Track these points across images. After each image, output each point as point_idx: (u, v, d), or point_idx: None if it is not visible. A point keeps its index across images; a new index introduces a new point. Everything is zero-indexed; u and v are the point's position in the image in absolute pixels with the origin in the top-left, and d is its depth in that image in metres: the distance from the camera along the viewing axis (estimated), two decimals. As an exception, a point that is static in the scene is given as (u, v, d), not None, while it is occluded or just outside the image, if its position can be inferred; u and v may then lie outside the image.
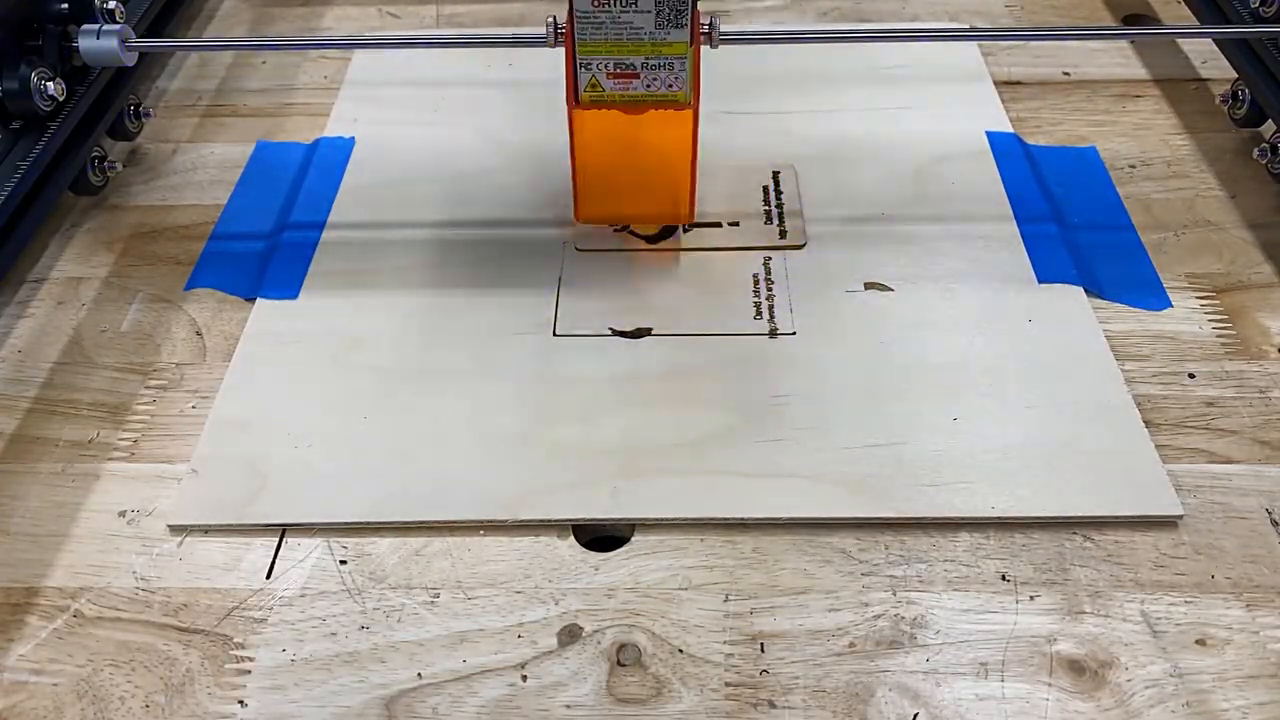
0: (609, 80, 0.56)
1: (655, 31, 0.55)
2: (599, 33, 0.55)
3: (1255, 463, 0.54)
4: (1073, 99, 0.80)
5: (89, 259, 0.68)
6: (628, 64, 0.56)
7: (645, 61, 0.56)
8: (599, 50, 0.56)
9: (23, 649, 0.48)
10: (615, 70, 0.56)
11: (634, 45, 0.55)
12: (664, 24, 0.55)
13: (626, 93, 0.57)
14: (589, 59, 0.56)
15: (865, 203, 0.70)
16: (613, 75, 0.56)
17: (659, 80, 0.56)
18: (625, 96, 0.57)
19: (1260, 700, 0.45)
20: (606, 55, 0.56)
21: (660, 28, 0.55)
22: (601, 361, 0.60)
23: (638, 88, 0.57)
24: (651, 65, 0.56)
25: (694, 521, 0.52)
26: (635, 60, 0.56)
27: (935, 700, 0.45)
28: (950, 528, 0.52)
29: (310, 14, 0.92)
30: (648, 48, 0.55)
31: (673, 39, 0.55)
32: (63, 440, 0.57)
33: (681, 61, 0.56)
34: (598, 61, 0.56)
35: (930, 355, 0.59)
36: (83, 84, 0.68)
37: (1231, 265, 0.66)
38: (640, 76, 0.56)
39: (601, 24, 0.55)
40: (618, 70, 0.56)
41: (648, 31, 0.55)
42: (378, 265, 0.66)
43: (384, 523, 0.52)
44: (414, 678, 0.46)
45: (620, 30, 0.55)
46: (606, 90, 0.57)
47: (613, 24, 0.55)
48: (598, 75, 0.56)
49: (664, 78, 0.56)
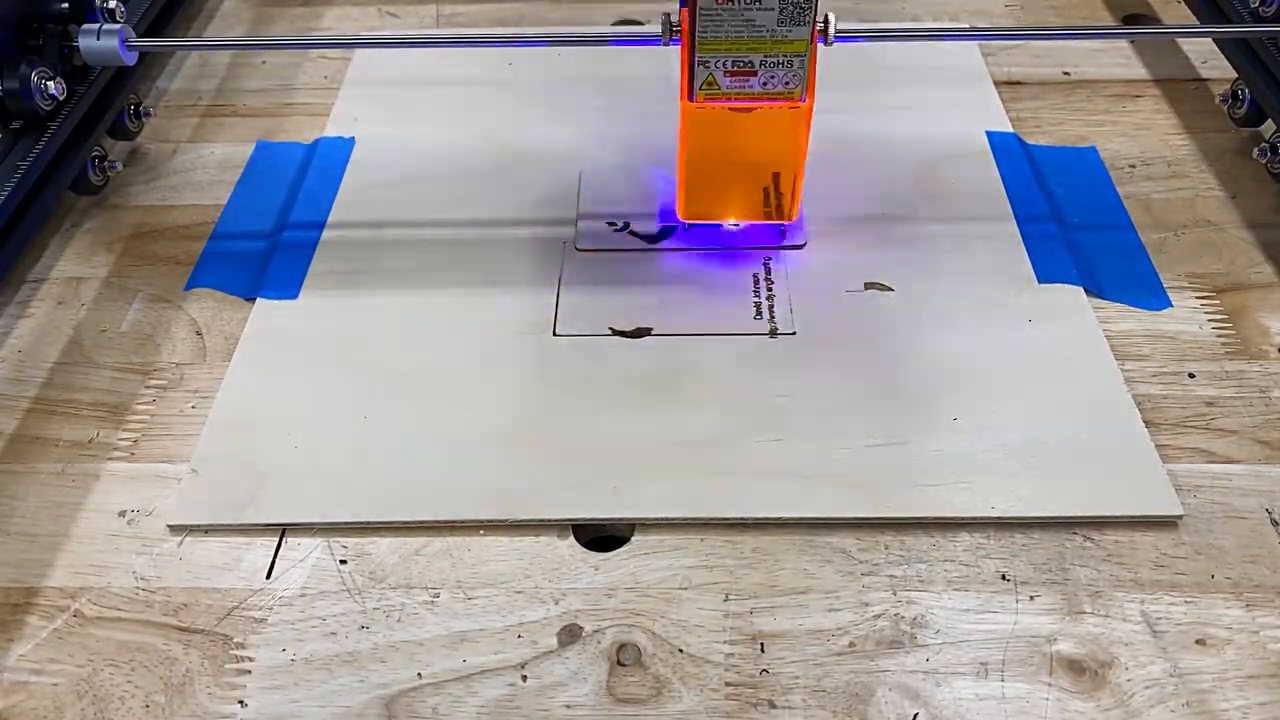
0: (726, 78, 0.55)
1: (777, 29, 0.54)
2: (720, 30, 0.54)
3: (1255, 463, 0.54)
4: (1073, 99, 0.80)
5: (89, 259, 0.68)
6: (746, 61, 0.55)
7: (764, 59, 0.55)
8: (719, 48, 0.55)
9: (23, 649, 0.48)
10: (734, 68, 0.55)
11: (755, 42, 0.55)
12: (786, 21, 0.54)
13: (743, 90, 0.56)
14: (708, 56, 0.55)
15: (865, 203, 0.70)
16: (730, 73, 0.55)
17: (776, 78, 0.55)
18: (742, 94, 0.57)
19: (1260, 700, 0.45)
20: (726, 53, 0.55)
21: (782, 25, 0.54)
22: (601, 361, 0.60)
23: (754, 85, 0.56)
24: (770, 63, 0.55)
25: (694, 521, 0.52)
26: (754, 58, 0.55)
27: (935, 700, 0.45)
28: (950, 528, 0.52)
29: (310, 14, 0.92)
30: (768, 45, 0.55)
31: (794, 36, 0.54)
32: (63, 440, 0.57)
33: (801, 59, 0.55)
34: (717, 59, 0.55)
35: (930, 355, 0.59)
36: (83, 83, 0.68)
37: (1231, 265, 0.66)
38: (758, 74, 0.55)
39: (723, 21, 0.54)
40: (736, 68, 0.55)
41: (769, 29, 0.54)
42: (378, 265, 0.66)
43: (384, 523, 0.52)
44: (414, 678, 0.46)
45: (742, 28, 0.54)
46: (723, 88, 0.56)
47: (734, 21, 0.54)
48: (715, 73, 0.55)
49: (782, 75, 0.55)
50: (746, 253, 0.66)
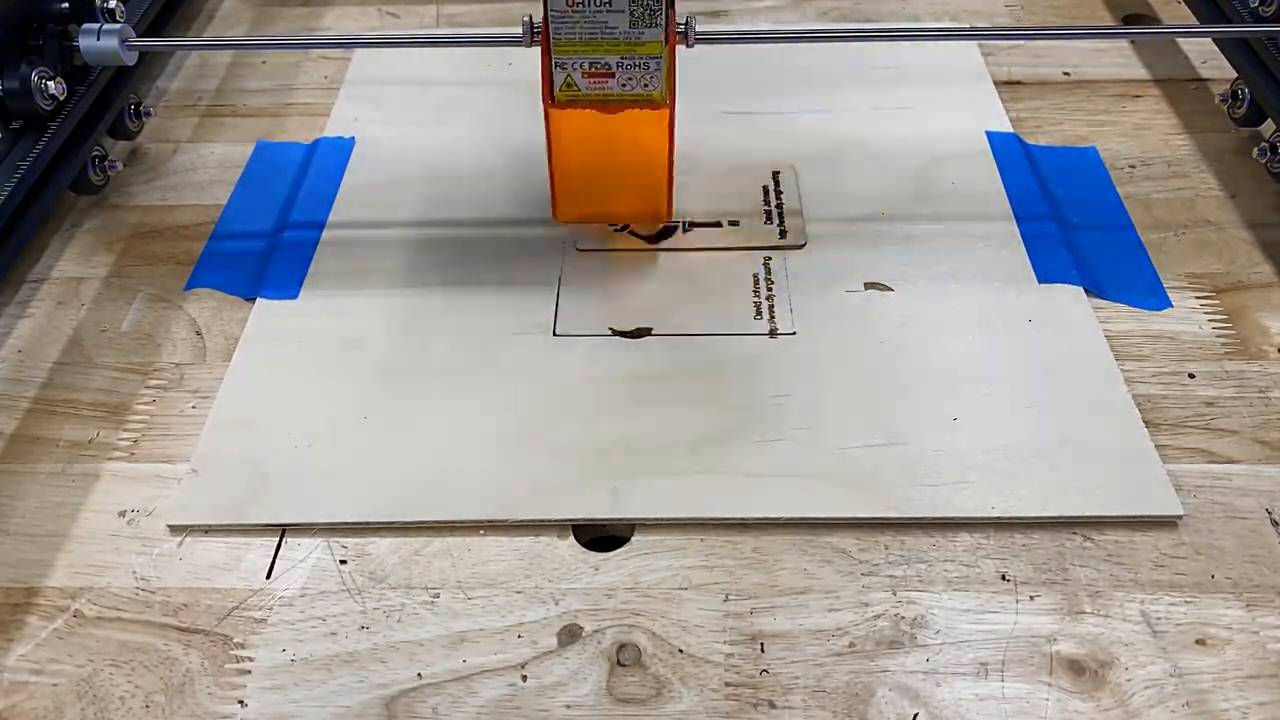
0: (584, 80, 0.56)
1: (630, 31, 0.55)
2: (573, 32, 0.55)
3: (1255, 463, 0.54)
4: (1073, 99, 0.80)
5: (89, 259, 0.68)
6: (603, 63, 0.56)
7: (620, 61, 0.56)
8: (574, 50, 0.56)
9: (23, 649, 0.48)
10: (590, 70, 0.56)
11: (609, 44, 0.55)
12: (638, 23, 0.55)
13: (602, 92, 0.57)
14: (564, 58, 0.56)
15: (865, 203, 0.70)
16: (588, 75, 0.56)
17: (634, 80, 0.56)
18: (601, 96, 0.57)
19: (1260, 700, 0.45)
20: (581, 54, 0.56)
21: (634, 27, 0.55)
22: (601, 361, 0.60)
23: (613, 87, 0.57)
24: (627, 65, 0.56)
25: (694, 521, 0.52)
26: (610, 60, 0.56)
27: (935, 700, 0.45)
28: (950, 528, 0.52)
29: (310, 14, 0.92)
30: (622, 47, 0.55)
31: (647, 38, 0.55)
32: (63, 440, 0.57)
33: (657, 61, 0.56)
34: (573, 61, 0.56)
35: (930, 355, 0.59)
36: (83, 83, 0.68)
37: (1231, 265, 0.66)
38: (615, 76, 0.56)
39: (576, 23, 0.55)
40: (593, 70, 0.56)
41: (622, 31, 0.55)
42: (378, 265, 0.66)
43: (384, 523, 0.52)
44: (414, 678, 0.46)
45: (595, 29, 0.55)
46: (582, 90, 0.57)
47: (587, 23, 0.55)
48: (573, 74, 0.56)
49: (639, 77, 0.56)
50: (746, 253, 0.66)
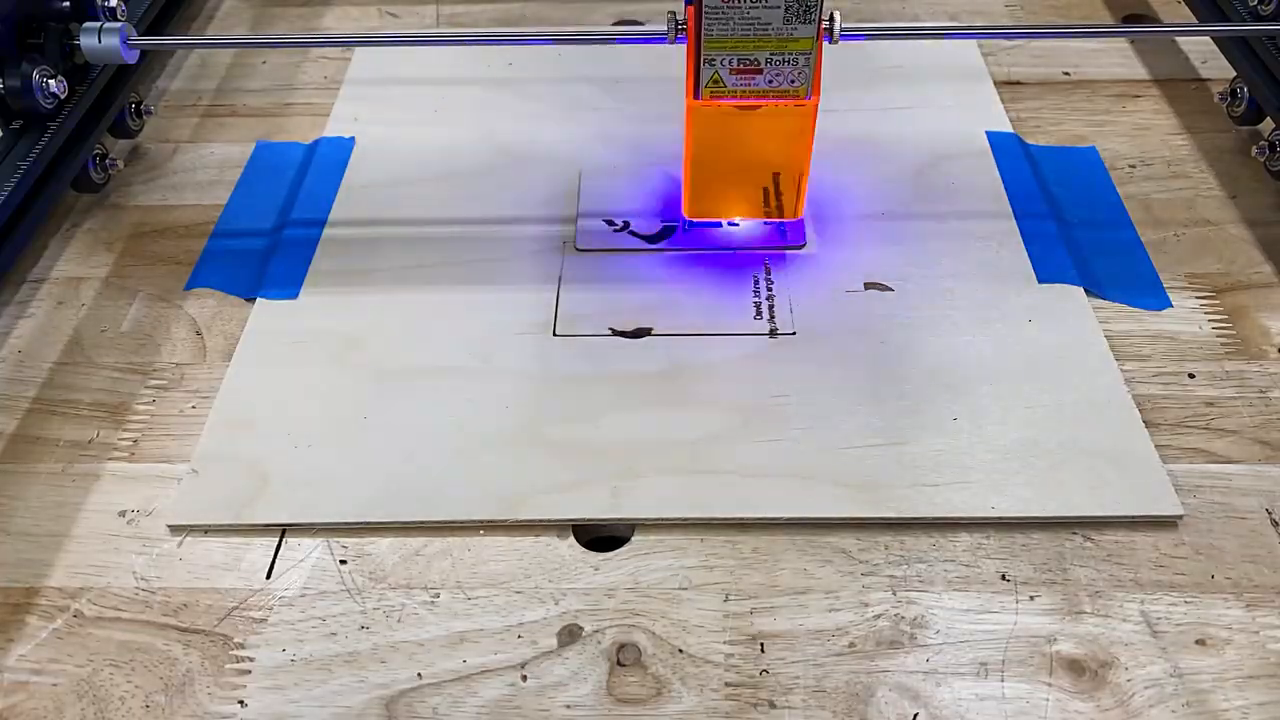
0: (732, 76, 0.55)
1: (783, 27, 0.54)
2: (725, 28, 0.54)
3: (1255, 463, 0.54)
4: (1073, 99, 0.80)
5: (89, 259, 0.68)
6: (752, 59, 0.55)
7: (770, 57, 0.55)
8: (724, 46, 0.55)
9: (23, 649, 0.48)
10: (739, 66, 0.55)
11: (760, 41, 0.55)
12: (792, 19, 0.54)
13: (749, 88, 0.56)
14: (714, 54, 0.55)
15: (865, 202, 0.70)
16: (736, 71, 0.55)
17: (782, 76, 0.55)
18: (748, 91, 0.57)
19: (1260, 700, 0.45)
20: (732, 51, 0.55)
21: (788, 23, 0.54)
22: (601, 361, 0.60)
23: (760, 83, 0.56)
24: (776, 61, 0.55)
25: (694, 521, 0.52)
26: (760, 56, 0.55)
27: (935, 700, 0.45)
28: (950, 528, 0.52)
29: (310, 14, 0.92)
30: (774, 43, 0.55)
31: (799, 34, 0.54)
32: (63, 440, 0.57)
33: (807, 57, 0.55)
34: (722, 57, 0.55)
35: (930, 355, 0.59)
36: (84, 82, 0.68)
37: (1231, 265, 0.66)
38: (764, 72, 0.56)
39: (729, 19, 0.54)
40: (742, 66, 0.55)
41: (775, 27, 0.54)
42: (378, 265, 0.66)
43: (384, 523, 0.52)
44: (414, 678, 0.46)
45: (748, 26, 0.54)
46: (728, 85, 0.56)
47: (740, 19, 0.54)
48: (720, 71, 0.55)
49: (787, 73, 0.55)
50: (746, 253, 0.66)
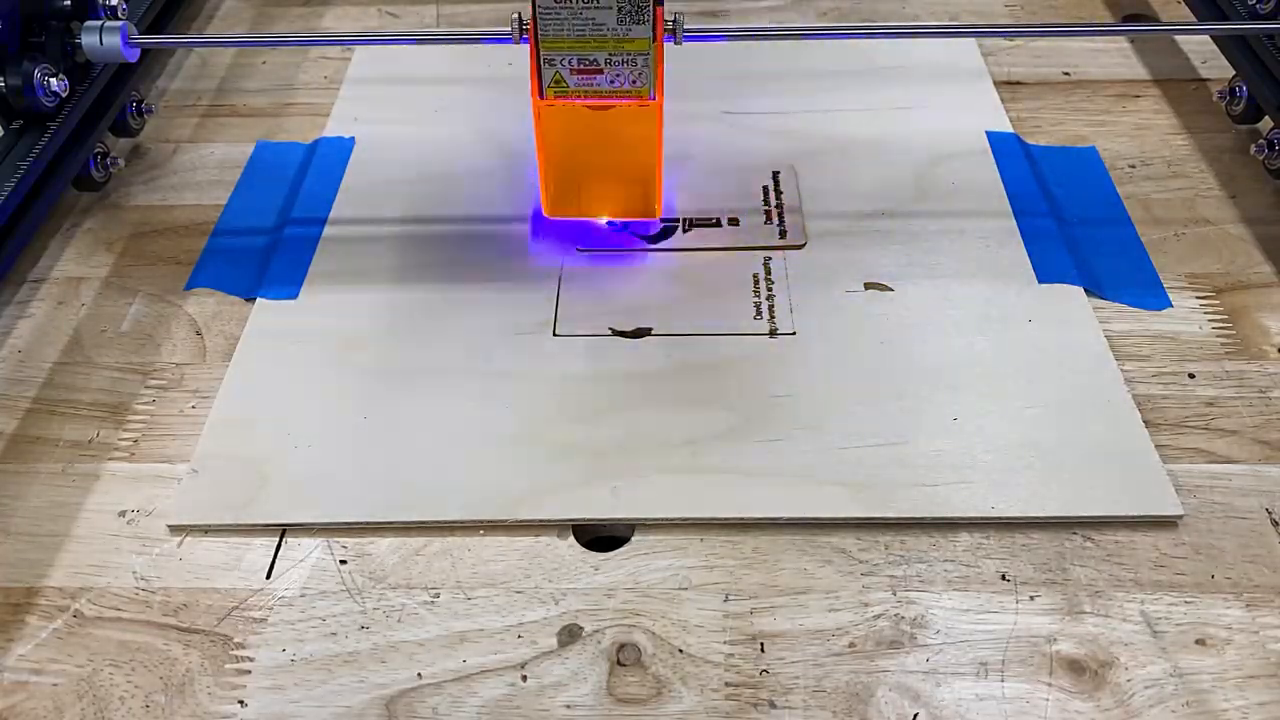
0: (573, 76, 0.57)
1: (617, 27, 0.55)
2: (561, 29, 0.55)
3: (1255, 463, 0.54)
4: (1073, 99, 0.80)
5: (89, 259, 0.68)
6: (591, 59, 0.56)
7: (609, 57, 0.56)
8: (562, 46, 0.56)
9: (23, 649, 0.48)
10: (579, 66, 0.56)
11: (597, 41, 0.56)
12: (625, 20, 0.55)
13: (590, 88, 0.57)
14: (553, 54, 0.57)
15: (865, 202, 0.70)
16: (576, 71, 0.56)
17: (623, 76, 0.57)
18: (589, 91, 0.58)
19: (1260, 700, 0.45)
20: (570, 51, 0.56)
21: (622, 24, 0.55)
22: (601, 361, 0.60)
23: (601, 83, 0.57)
24: (615, 61, 0.56)
25: (694, 521, 0.52)
26: (598, 56, 0.56)
27: (935, 700, 0.45)
28: (950, 528, 0.52)
29: (310, 14, 0.92)
30: (610, 44, 0.56)
31: (635, 35, 0.56)
32: (63, 440, 0.57)
33: (645, 57, 0.56)
34: (561, 57, 0.56)
35: (930, 355, 0.59)
36: (85, 80, 0.68)
37: (1231, 265, 0.66)
38: (604, 72, 0.56)
39: (564, 20, 0.55)
40: (581, 66, 0.56)
41: (610, 27, 0.55)
42: (377, 265, 0.66)
43: (384, 523, 0.52)
44: (414, 678, 0.46)
45: (583, 26, 0.55)
46: (570, 86, 0.57)
47: (575, 20, 0.55)
48: (561, 71, 0.56)
49: (627, 74, 0.56)
50: (746, 253, 0.66)
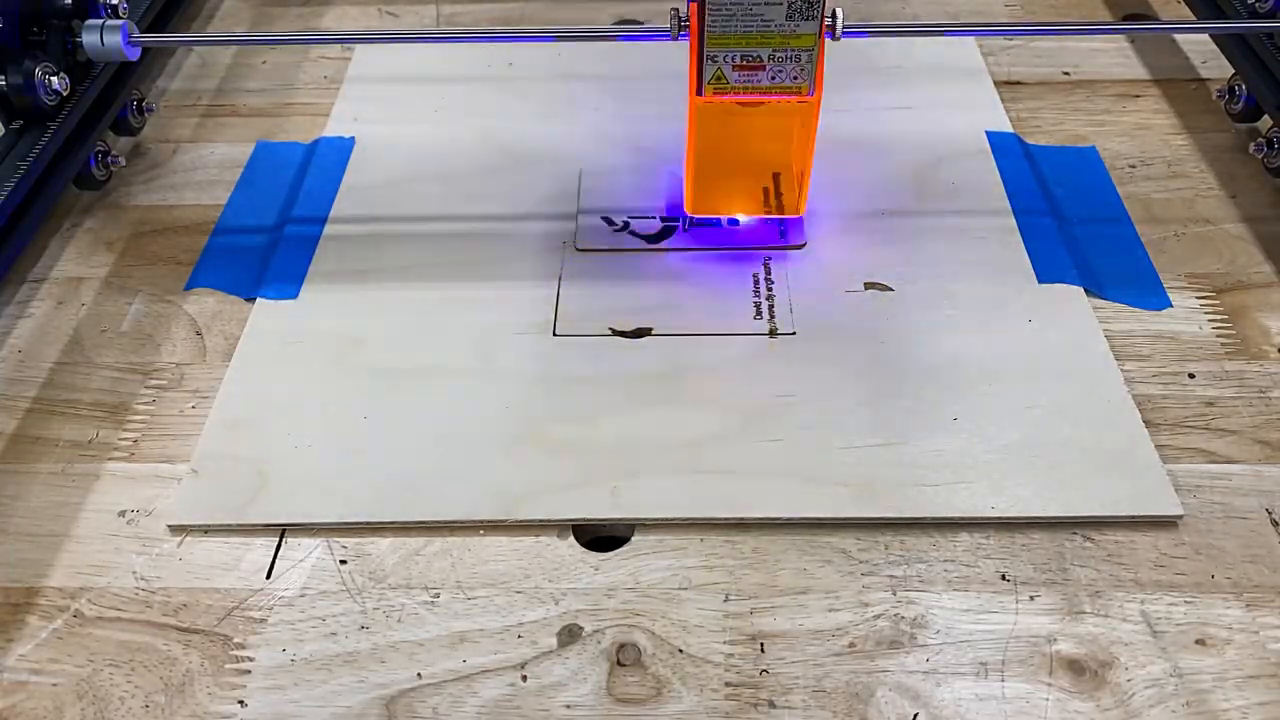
0: (735, 72, 0.56)
1: (785, 24, 0.55)
2: (729, 25, 0.55)
3: (1255, 463, 0.54)
4: (1073, 99, 0.80)
5: (89, 259, 0.68)
6: (754, 56, 0.55)
7: (773, 53, 0.55)
8: (727, 43, 0.55)
9: (23, 649, 0.48)
10: (742, 62, 0.56)
11: (763, 37, 0.55)
12: (795, 16, 0.54)
13: (751, 84, 0.57)
14: (716, 51, 0.56)
15: (865, 202, 0.70)
16: (739, 67, 0.56)
17: (785, 72, 0.56)
18: (750, 88, 0.57)
19: (1260, 700, 0.45)
20: (735, 48, 0.55)
21: (790, 20, 0.54)
22: (601, 361, 0.60)
23: (762, 80, 0.56)
24: (779, 57, 0.55)
25: (694, 521, 0.52)
26: (763, 52, 0.55)
27: (935, 700, 0.45)
28: (950, 528, 0.52)
29: (310, 14, 0.92)
30: (776, 40, 0.55)
31: (802, 31, 0.55)
32: (63, 440, 0.57)
33: (809, 53, 0.55)
34: (725, 54, 0.56)
35: (930, 355, 0.59)
36: (86, 79, 0.69)
37: (1231, 265, 0.66)
38: (766, 68, 0.56)
39: (732, 16, 0.54)
40: (744, 62, 0.56)
41: (777, 24, 0.55)
42: (377, 265, 0.66)
43: (384, 523, 0.52)
44: (414, 678, 0.46)
45: (750, 22, 0.54)
46: (731, 82, 0.56)
47: (743, 16, 0.54)
48: (724, 67, 0.55)
49: (790, 70, 0.55)
50: (746, 253, 0.66)
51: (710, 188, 0.64)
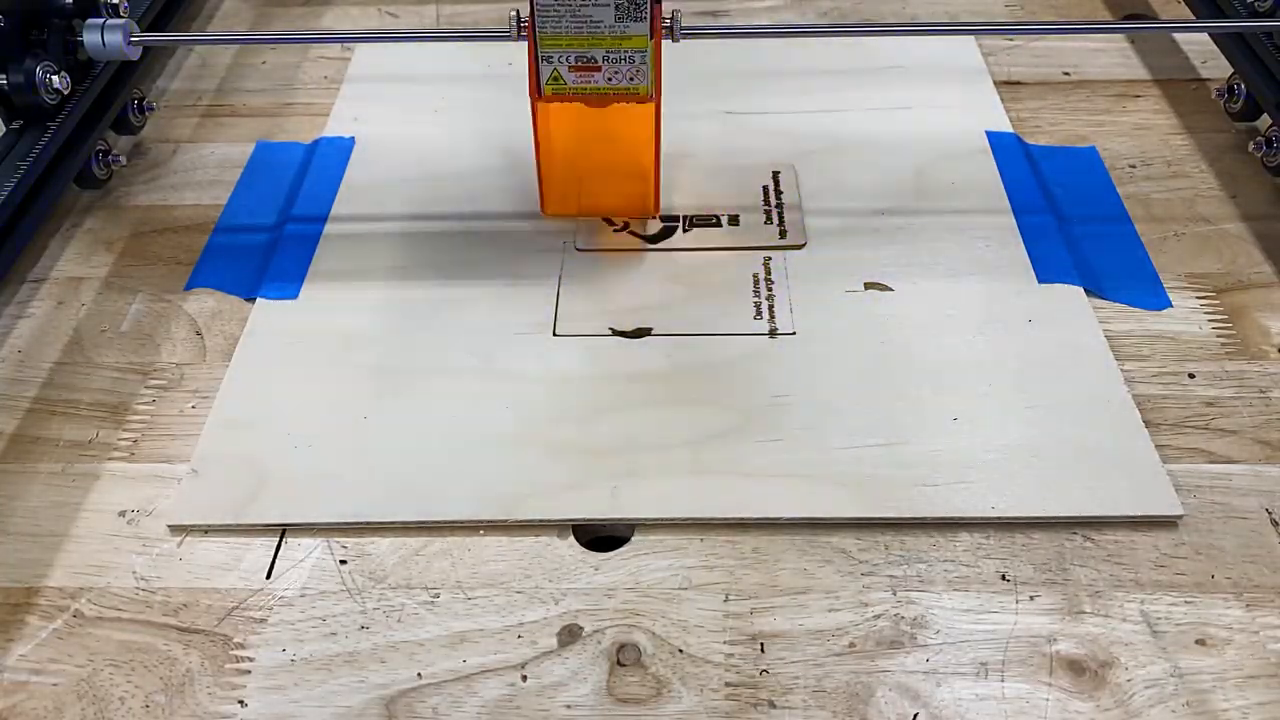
0: (571, 73, 0.57)
1: (615, 25, 0.55)
2: (559, 26, 0.56)
3: (1255, 463, 0.54)
4: (1073, 99, 0.80)
5: (89, 259, 0.68)
6: (588, 57, 0.56)
7: (606, 55, 0.56)
8: (559, 44, 0.56)
9: (23, 649, 0.48)
10: (577, 63, 0.56)
11: (594, 39, 0.56)
12: (623, 17, 0.55)
13: (588, 85, 0.57)
14: (550, 52, 0.57)
15: (865, 202, 0.70)
16: (574, 68, 0.56)
17: (620, 73, 0.57)
18: (587, 89, 0.58)
19: (1260, 700, 0.45)
20: (567, 48, 0.56)
21: (620, 21, 0.55)
22: (601, 361, 0.60)
23: (599, 81, 0.57)
24: (612, 58, 0.56)
25: (694, 521, 0.52)
26: (596, 53, 0.56)
27: (935, 700, 0.45)
28: (950, 528, 0.52)
29: (310, 14, 0.92)
30: (608, 41, 0.56)
31: (632, 32, 0.56)
32: (63, 440, 0.57)
33: (642, 55, 0.56)
34: (559, 54, 0.57)
35: (930, 355, 0.59)
36: (87, 78, 0.69)
37: (1231, 265, 0.66)
38: (602, 70, 0.57)
39: (561, 17, 0.55)
40: (579, 63, 0.56)
41: (607, 25, 0.56)
42: (377, 265, 0.66)
43: (384, 523, 0.52)
44: (414, 678, 0.46)
45: (580, 24, 0.55)
46: (568, 83, 0.57)
47: (573, 17, 0.55)
48: (559, 68, 0.56)
49: (625, 71, 0.56)
50: (746, 253, 0.66)
51: (564, 188, 0.65)
